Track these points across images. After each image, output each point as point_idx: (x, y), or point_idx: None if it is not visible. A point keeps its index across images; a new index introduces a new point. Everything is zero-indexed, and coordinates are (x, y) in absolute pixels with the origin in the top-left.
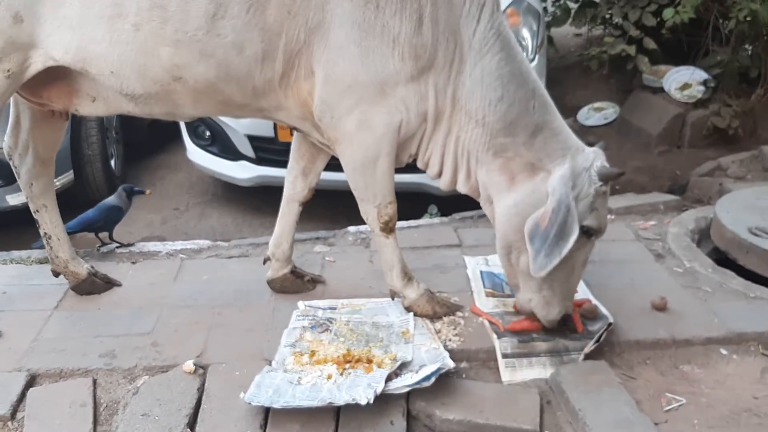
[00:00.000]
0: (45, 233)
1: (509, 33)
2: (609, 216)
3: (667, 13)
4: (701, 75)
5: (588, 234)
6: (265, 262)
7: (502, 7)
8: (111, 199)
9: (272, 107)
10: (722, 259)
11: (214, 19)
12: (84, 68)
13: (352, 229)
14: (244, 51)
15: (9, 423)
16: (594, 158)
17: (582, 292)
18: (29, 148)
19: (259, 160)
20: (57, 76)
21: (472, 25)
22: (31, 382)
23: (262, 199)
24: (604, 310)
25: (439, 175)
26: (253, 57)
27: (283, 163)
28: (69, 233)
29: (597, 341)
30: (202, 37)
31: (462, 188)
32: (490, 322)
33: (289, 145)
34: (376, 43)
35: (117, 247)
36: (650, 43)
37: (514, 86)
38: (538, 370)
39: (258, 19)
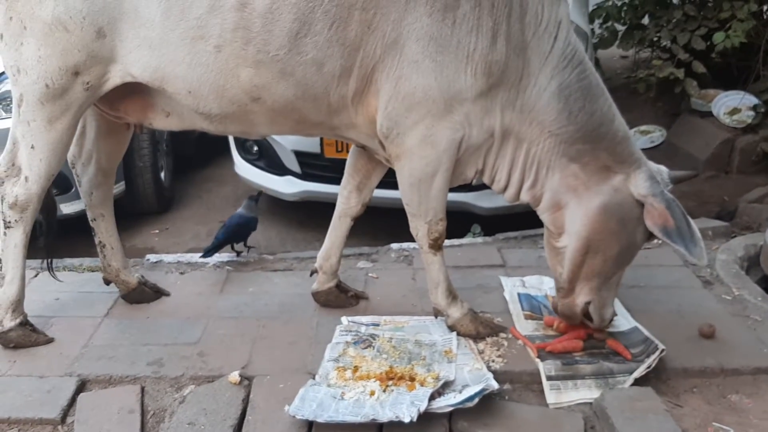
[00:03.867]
0: (100, 241)
1: (582, 48)
2: (657, 241)
3: (718, 37)
4: (751, 100)
5: (652, 234)
6: (312, 274)
7: None
8: (245, 212)
9: (344, 125)
10: None
11: (297, 37)
12: (161, 87)
13: (395, 246)
14: (323, 68)
15: (59, 427)
16: (658, 165)
17: (623, 317)
18: (92, 158)
19: (304, 176)
20: (133, 90)
21: (549, 41)
22: (81, 387)
23: (307, 214)
24: (648, 334)
25: (506, 189)
26: (331, 73)
27: (328, 179)
28: (211, 252)
29: (648, 367)
30: (284, 56)
31: (524, 197)
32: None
33: (334, 161)
34: (451, 58)
35: (246, 252)
36: (699, 67)
37: (594, 97)
38: (583, 392)
39: (340, 35)
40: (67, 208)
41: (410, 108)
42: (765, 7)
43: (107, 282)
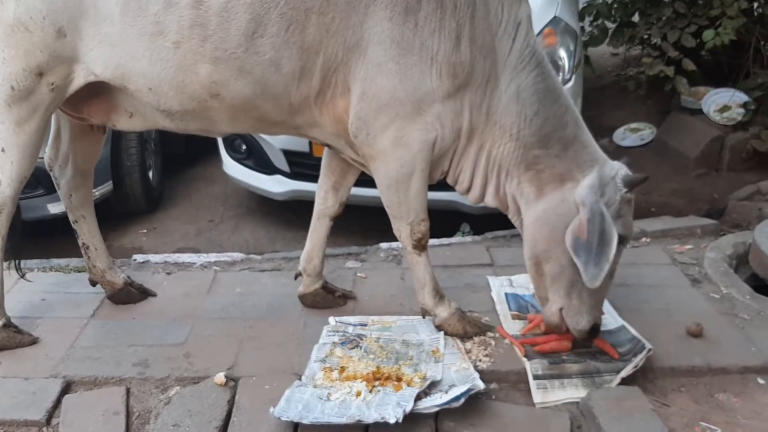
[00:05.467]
0: (83, 243)
1: (542, 51)
2: (644, 239)
3: (708, 34)
4: (741, 97)
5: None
6: (296, 277)
7: (540, 27)
8: None
9: (307, 124)
10: (761, 286)
11: (254, 37)
12: (123, 84)
13: (383, 245)
14: (281, 69)
15: (44, 429)
16: (619, 168)
17: (610, 316)
18: (69, 160)
19: (293, 175)
20: (97, 92)
21: (508, 43)
22: (67, 388)
23: (296, 213)
24: (635, 333)
25: (469, 190)
26: (291, 74)
27: (317, 178)
28: None
29: (635, 366)
30: (241, 54)
31: (490, 202)
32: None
33: None
34: (414, 60)
35: None
36: (689, 65)
37: (549, 101)
38: (570, 392)
39: (297, 38)
40: (53, 208)
41: (378, 110)
42: (755, 5)
43: (93, 283)
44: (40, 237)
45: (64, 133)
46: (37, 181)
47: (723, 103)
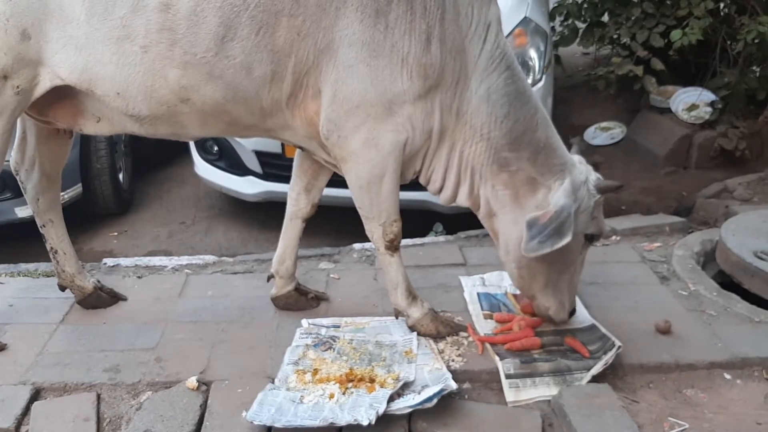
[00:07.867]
0: (51, 248)
1: (512, 53)
2: (614, 237)
3: (675, 34)
4: (708, 96)
5: (591, 239)
6: (269, 279)
7: (510, 27)
8: None
9: (279, 127)
10: (727, 283)
11: (224, 41)
12: (89, 89)
13: (357, 246)
14: (252, 72)
15: None
16: (587, 172)
17: (580, 314)
18: (35, 164)
19: (266, 176)
20: (63, 95)
21: (478, 44)
22: (36, 395)
23: (268, 214)
24: (605, 331)
25: (441, 190)
26: (262, 78)
27: (289, 179)
28: None
29: (605, 364)
30: (211, 59)
31: (463, 202)
32: (491, 343)
33: None
34: (385, 62)
35: None
36: (658, 64)
37: (519, 103)
38: (542, 390)
39: (267, 41)
40: (21, 212)
41: (350, 112)
42: (721, 5)
43: (62, 288)
44: (8, 241)
45: (29, 136)
46: (4, 185)
47: (691, 102)
